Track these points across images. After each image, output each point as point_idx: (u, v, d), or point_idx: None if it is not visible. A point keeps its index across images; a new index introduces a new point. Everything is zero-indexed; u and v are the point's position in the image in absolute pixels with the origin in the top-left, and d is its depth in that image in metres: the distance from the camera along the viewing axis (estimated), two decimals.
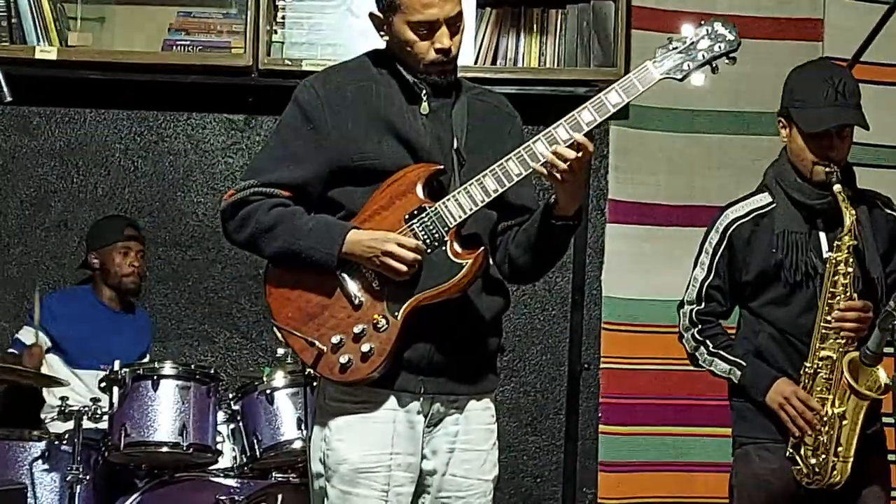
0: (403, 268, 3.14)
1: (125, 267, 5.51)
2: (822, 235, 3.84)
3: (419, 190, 3.20)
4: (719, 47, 3.23)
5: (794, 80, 3.94)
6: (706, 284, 3.96)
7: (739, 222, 3.92)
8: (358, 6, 5.50)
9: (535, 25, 5.69)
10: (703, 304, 3.98)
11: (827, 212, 3.80)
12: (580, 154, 3.11)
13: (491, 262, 3.34)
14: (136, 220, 5.71)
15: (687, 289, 4.02)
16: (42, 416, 5.30)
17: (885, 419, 3.90)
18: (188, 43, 5.64)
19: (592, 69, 5.60)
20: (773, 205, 3.89)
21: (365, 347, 3.16)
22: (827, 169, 3.76)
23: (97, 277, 5.58)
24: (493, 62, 5.66)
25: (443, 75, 3.27)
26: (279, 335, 3.31)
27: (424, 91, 3.28)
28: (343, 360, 3.17)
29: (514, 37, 5.69)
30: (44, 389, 5.33)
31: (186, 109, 5.97)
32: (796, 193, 3.85)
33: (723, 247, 3.93)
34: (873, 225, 3.89)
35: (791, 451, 3.80)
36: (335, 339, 3.18)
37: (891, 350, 3.70)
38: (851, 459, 3.75)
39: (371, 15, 3.32)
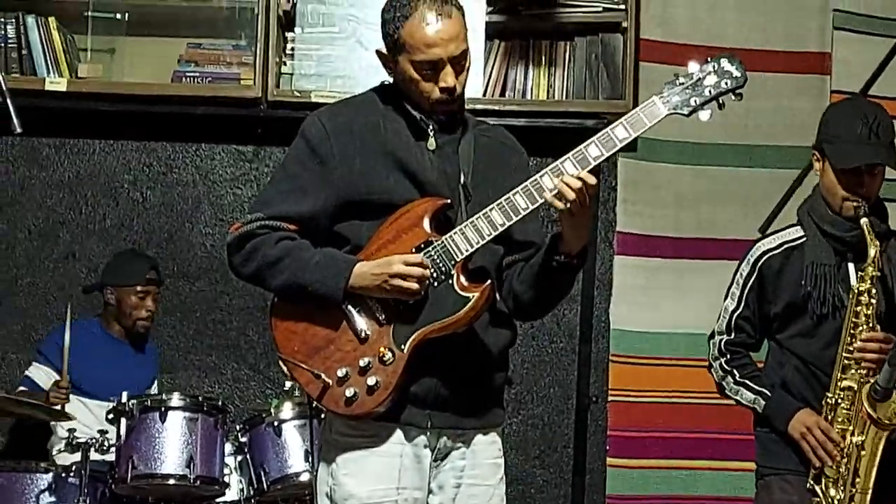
0: (414, 286, 3.13)
1: (141, 311, 5.53)
2: (851, 268, 3.85)
3: (426, 223, 3.20)
4: (726, 83, 3.23)
5: (830, 115, 3.97)
6: (736, 315, 3.98)
7: (770, 254, 3.94)
8: (367, 38, 5.52)
9: (543, 58, 5.71)
10: (733, 335, 3.99)
11: (857, 245, 3.81)
12: (586, 187, 3.11)
13: (498, 296, 3.33)
14: (157, 262, 5.70)
15: (718, 319, 4.03)
16: (49, 447, 5.30)
17: None
18: (198, 74, 5.67)
19: (601, 101, 5.62)
20: (805, 238, 3.91)
21: (371, 381, 3.14)
22: (855, 203, 3.78)
23: (108, 310, 5.58)
24: (502, 94, 5.68)
25: (448, 113, 3.27)
26: (285, 368, 3.30)
27: (431, 127, 3.28)
28: (349, 393, 3.15)
29: (523, 69, 5.71)
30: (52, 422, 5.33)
31: (195, 140, 5.99)
32: (827, 226, 3.87)
33: (753, 279, 3.95)
34: None
35: (811, 482, 3.80)
36: (341, 373, 3.17)
37: None
38: (870, 491, 3.73)
39: (378, 52, 3.33)
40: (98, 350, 5.50)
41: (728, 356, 3.99)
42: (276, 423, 5.02)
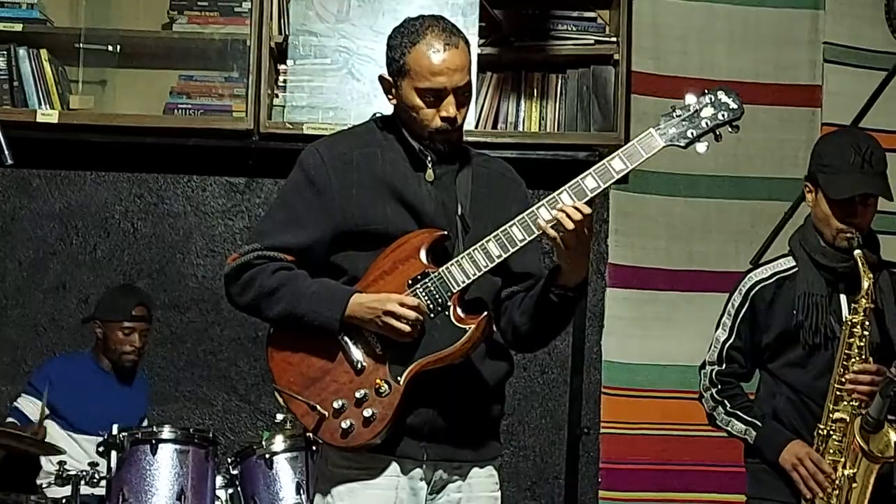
0: (406, 328, 3.13)
1: (126, 346, 5.50)
2: (843, 299, 3.86)
3: (423, 255, 3.19)
4: (723, 115, 3.23)
5: (823, 146, 3.99)
6: (727, 346, 3.99)
7: (762, 284, 3.95)
8: (359, 70, 5.53)
9: (535, 90, 5.72)
10: (724, 366, 4.00)
11: (849, 276, 3.82)
12: (582, 218, 3.11)
13: (494, 327, 3.32)
14: (149, 298, 5.67)
15: (709, 349, 4.04)
16: (38, 482, 5.26)
17: None
18: (189, 106, 5.66)
19: (592, 133, 5.63)
20: (797, 268, 3.92)
21: (367, 412, 3.14)
22: (848, 235, 3.79)
23: (98, 343, 5.56)
24: (494, 126, 5.68)
25: (447, 144, 3.28)
26: (280, 399, 3.30)
27: (429, 158, 3.28)
28: (345, 425, 3.14)
29: (515, 101, 5.72)
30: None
31: (187, 172, 5.99)
32: (819, 257, 3.88)
33: (745, 309, 3.96)
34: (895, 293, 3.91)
35: None
36: (337, 404, 3.16)
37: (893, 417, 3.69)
38: None
39: (380, 77, 3.33)
40: (88, 383, 5.47)
41: (719, 386, 3.99)
42: (267, 456, 5.00)
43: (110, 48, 5.69)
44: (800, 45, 5.91)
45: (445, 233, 3.23)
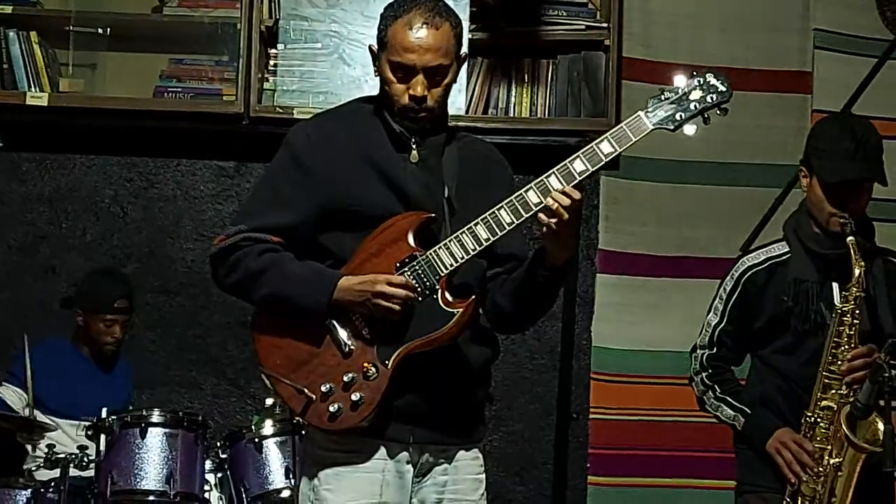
0: (395, 307, 3.13)
1: (107, 337, 5.49)
2: (835, 286, 3.83)
3: (410, 238, 3.19)
4: (711, 98, 3.23)
5: (818, 130, 3.97)
6: (718, 330, 3.98)
7: (754, 269, 3.93)
8: (350, 54, 5.52)
9: (526, 75, 5.72)
10: (715, 350, 3.99)
11: (841, 263, 3.79)
12: (572, 202, 3.11)
13: (481, 311, 3.32)
14: (130, 287, 5.63)
15: (700, 333, 4.03)
16: (25, 467, 5.25)
17: None
18: (180, 90, 5.66)
19: (583, 119, 5.63)
20: (789, 254, 3.91)
21: (355, 396, 3.13)
22: (842, 220, 3.76)
23: (78, 330, 5.55)
24: (485, 112, 5.68)
25: (416, 123, 3.26)
26: (267, 382, 3.28)
27: (414, 140, 3.28)
28: (332, 408, 3.14)
29: (506, 87, 5.72)
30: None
31: (177, 156, 5.97)
32: (812, 243, 3.87)
33: (736, 293, 3.94)
34: (888, 281, 3.90)
35: (787, 499, 3.79)
36: (325, 388, 3.15)
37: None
38: None
39: (370, 47, 3.33)
40: (68, 369, 5.46)
41: (710, 370, 3.99)
42: (256, 440, 5.01)
43: (100, 31, 5.68)
44: (790, 32, 5.90)
45: (433, 215, 3.23)
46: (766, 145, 5.84)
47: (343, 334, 3.18)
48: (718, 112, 3.25)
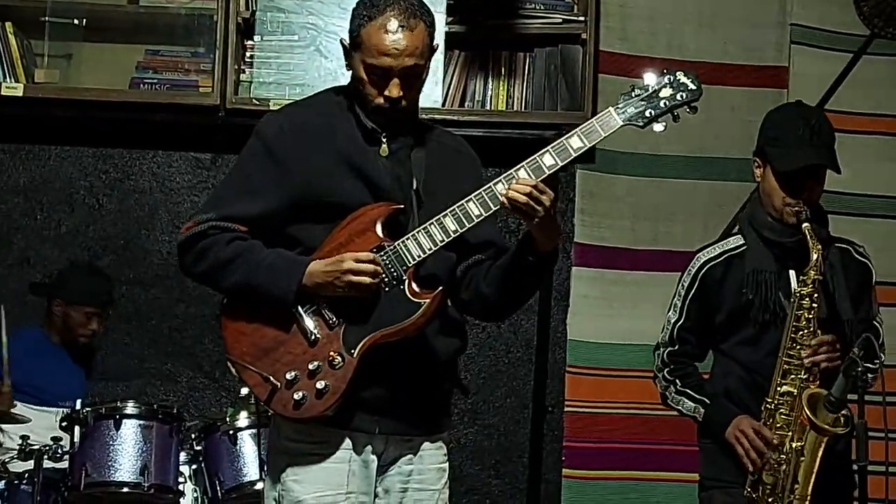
0: (367, 280, 3.12)
1: (86, 329, 5.50)
2: (792, 275, 3.83)
3: (378, 228, 3.19)
4: (681, 96, 3.25)
5: (770, 120, 3.99)
6: (678, 326, 3.99)
7: (711, 264, 3.94)
8: (326, 47, 5.52)
9: (503, 69, 5.72)
10: (676, 346, 4.00)
11: (798, 252, 3.80)
12: (539, 194, 3.11)
13: (449, 303, 3.33)
14: (112, 285, 5.65)
15: (662, 331, 4.04)
16: None
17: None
18: (156, 81, 5.64)
19: (559, 112, 5.63)
20: (745, 246, 3.92)
21: (320, 384, 3.13)
22: (797, 208, 3.77)
23: (53, 320, 5.54)
24: (462, 104, 5.68)
25: (389, 122, 3.27)
26: (233, 370, 3.28)
27: (384, 134, 3.28)
28: (297, 396, 3.14)
29: (483, 80, 5.72)
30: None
31: (153, 147, 5.95)
32: (767, 232, 3.88)
33: (694, 289, 3.95)
34: (845, 270, 3.90)
35: (748, 489, 3.79)
36: (290, 375, 3.15)
37: (855, 396, 3.68)
38: (808, 498, 3.72)
39: (342, 42, 3.33)
40: (41, 358, 5.45)
41: (672, 366, 3.99)
42: (231, 432, 5.01)
43: (76, 22, 5.68)
44: (767, 27, 5.90)
45: (402, 206, 3.23)
46: (742, 139, 5.80)
47: (310, 323, 3.18)
48: (688, 110, 3.27)
